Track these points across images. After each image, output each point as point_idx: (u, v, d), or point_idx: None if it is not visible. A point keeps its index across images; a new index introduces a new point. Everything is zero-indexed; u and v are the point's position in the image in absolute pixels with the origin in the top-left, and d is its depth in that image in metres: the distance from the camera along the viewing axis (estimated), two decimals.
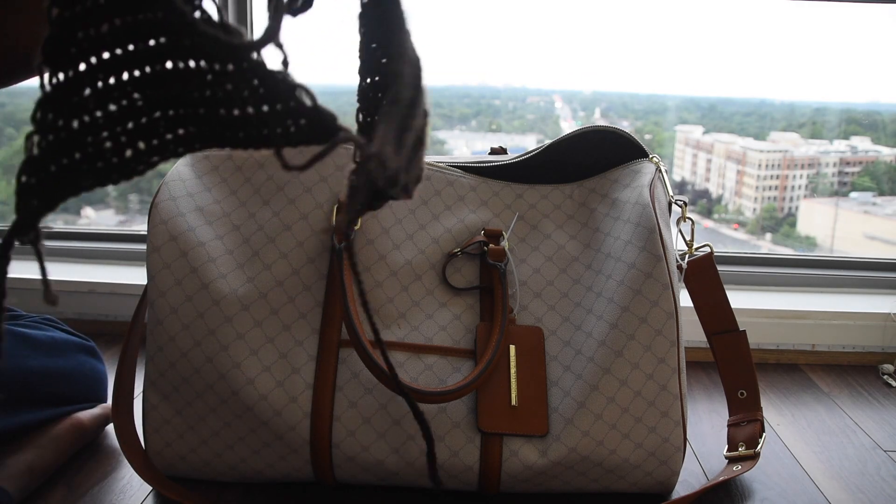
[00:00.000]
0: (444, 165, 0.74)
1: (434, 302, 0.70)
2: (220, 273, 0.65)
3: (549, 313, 0.70)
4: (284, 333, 0.66)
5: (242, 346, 0.64)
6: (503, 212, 0.74)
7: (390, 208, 0.70)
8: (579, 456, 0.64)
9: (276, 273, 0.67)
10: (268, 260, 0.67)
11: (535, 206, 0.74)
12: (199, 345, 0.64)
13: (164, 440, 0.67)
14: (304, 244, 0.68)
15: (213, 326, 0.64)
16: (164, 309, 0.65)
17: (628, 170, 0.73)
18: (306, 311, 0.67)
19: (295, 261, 0.67)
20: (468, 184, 0.74)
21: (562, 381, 0.66)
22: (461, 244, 0.71)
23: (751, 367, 0.77)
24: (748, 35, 1.34)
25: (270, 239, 0.68)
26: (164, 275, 0.65)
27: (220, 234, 0.67)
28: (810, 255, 1.26)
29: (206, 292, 0.64)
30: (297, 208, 0.68)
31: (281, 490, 0.69)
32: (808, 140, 1.49)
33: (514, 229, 0.73)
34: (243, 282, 0.66)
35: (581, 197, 0.74)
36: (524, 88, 1.59)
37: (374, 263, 0.69)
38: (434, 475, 0.40)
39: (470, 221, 0.72)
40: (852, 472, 0.77)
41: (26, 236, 0.29)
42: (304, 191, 0.69)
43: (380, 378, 0.62)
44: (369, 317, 0.34)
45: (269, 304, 0.66)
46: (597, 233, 0.72)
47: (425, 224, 0.71)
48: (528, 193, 0.75)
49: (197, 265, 0.65)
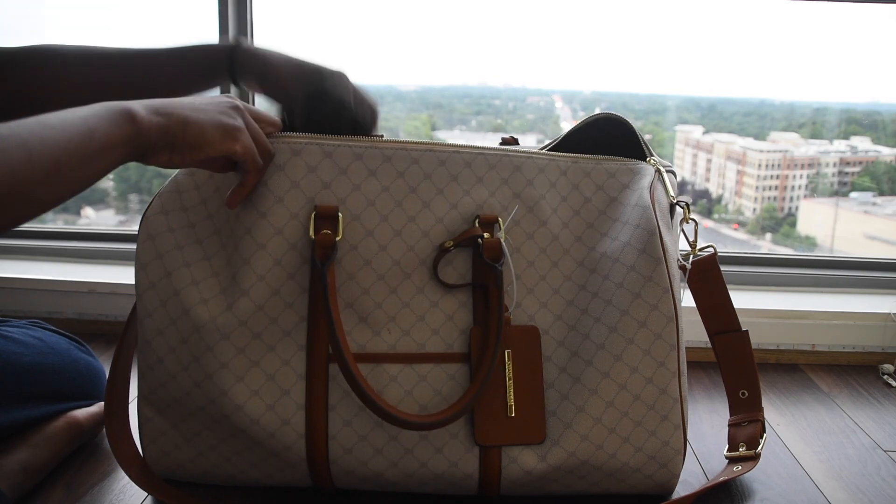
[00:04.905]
0: (434, 143, 0.69)
1: (425, 301, 0.65)
2: (202, 298, 0.62)
3: (542, 311, 0.67)
4: (269, 354, 0.63)
5: (227, 374, 0.62)
6: (500, 188, 0.67)
7: (373, 206, 0.64)
8: (579, 460, 0.64)
9: (255, 297, 0.62)
10: (245, 284, 0.62)
11: (532, 182, 0.68)
12: (187, 369, 0.63)
13: (161, 450, 0.67)
14: (281, 261, 0.63)
15: (197, 354, 0.62)
16: (151, 329, 0.63)
17: (627, 168, 0.71)
18: (290, 329, 0.63)
19: (274, 281, 0.63)
20: (462, 160, 0.67)
21: (557, 382, 0.66)
22: (453, 234, 0.65)
23: (752, 368, 0.77)
24: (748, 35, 1.34)
25: (245, 261, 0.62)
26: (149, 295, 0.63)
27: (208, 253, 0.64)
28: (810, 255, 1.26)
29: (187, 318, 0.62)
30: (270, 223, 0.63)
31: (281, 493, 0.69)
32: (808, 140, 1.49)
33: (512, 215, 0.68)
34: (223, 309, 0.62)
35: (575, 178, 0.70)
36: (524, 88, 1.59)
37: (359, 270, 0.64)
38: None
39: (463, 207, 0.66)
40: (852, 472, 0.77)
41: None
42: (274, 201, 0.63)
43: (376, 412, 0.59)
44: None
45: (249, 329, 0.63)
46: (590, 228, 0.69)
47: (414, 216, 0.65)
48: (527, 166, 0.69)
49: (179, 288, 0.62)
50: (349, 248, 0.64)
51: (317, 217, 0.62)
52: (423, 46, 1.40)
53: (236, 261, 0.63)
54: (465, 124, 1.59)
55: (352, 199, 0.64)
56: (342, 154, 0.64)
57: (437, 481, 0.64)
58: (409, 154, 0.65)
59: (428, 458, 0.63)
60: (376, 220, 0.64)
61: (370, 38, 1.38)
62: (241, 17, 1.20)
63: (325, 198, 0.63)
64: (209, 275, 0.63)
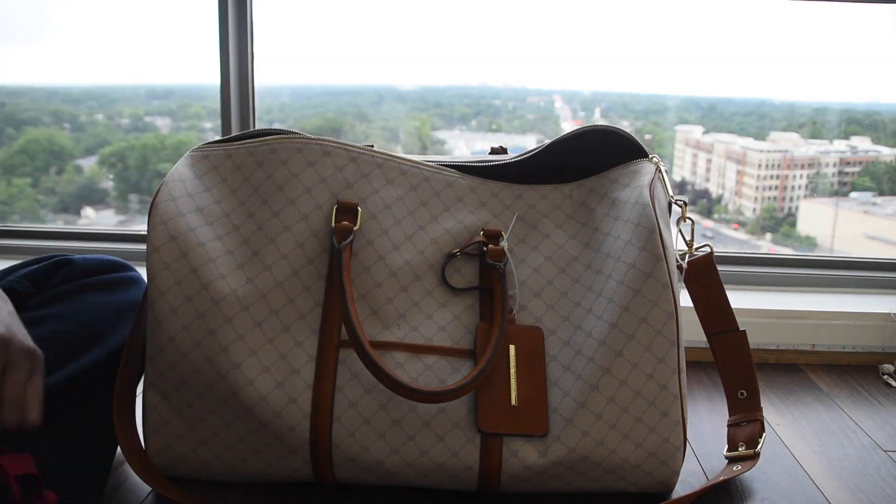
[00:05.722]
0: (441, 166, 0.74)
1: (434, 302, 0.70)
2: (220, 273, 0.65)
3: (549, 313, 0.70)
4: (284, 334, 0.66)
5: (242, 347, 0.64)
6: (502, 213, 0.74)
7: (389, 210, 0.70)
8: (579, 456, 0.64)
9: (277, 273, 0.67)
10: (268, 260, 0.67)
11: (534, 206, 0.74)
12: (199, 345, 0.64)
13: (163, 441, 0.67)
14: (303, 245, 0.68)
15: (213, 327, 0.64)
16: (163, 309, 0.64)
17: (628, 170, 0.73)
18: (306, 312, 0.67)
19: (295, 261, 0.67)
20: (467, 185, 0.74)
21: (562, 380, 0.66)
22: (460, 245, 0.71)
23: (751, 368, 0.77)
24: (748, 35, 1.34)
25: (270, 239, 0.67)
26: (164, 275, 0.65)
27: (219, 234, 0.67)
28: (810, 255, 1.26)
29: (205, 293, 0.64)
30: (297, 209, 0.68)
31: (281, 491, 0.69)
32: (808, 140, 1.49)
33: (513, 229, 0.73)
34: (243, 282, 0.66)
35: (580, 196, 0.74)
36: (524, 88, 1.59)
37: (373, 264, 0.68)
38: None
39: (469, 222, 0.72)
40: (852, 472, 0.77)
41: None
42: (303, 191, 0.69)
43: (378, 378, 0.62)
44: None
45: (268, 304, 0.66)
46: (596, 232, 0.72)
47: (424, 225, 0.71)
48: (528, 194, 0.75)
49: (197, 265, 0.65)
50: (366, 241, 0.68)
51: (339, 210, 0.68)
52: (423, 46, 1.40)
53: (259, 239, 0.67)
54: (464, 124, 1.59)
55: (371, 200, 0.70)
56: (366, 161, 0.71)
57: (437, 473, 0.65)
58: (421, 172, 0.73)
59: (430, 447, 0.64)
60: (391, 221, 0.70)
61: (370, 38, 1.38)
62: (241, 17, 1.20)
63: (347, 195, 0.69)
64: (223, 253, 0.66)
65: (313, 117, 1.55)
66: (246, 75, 1.22)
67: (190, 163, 0.70)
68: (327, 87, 1.56)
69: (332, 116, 1.56)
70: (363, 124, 1.54)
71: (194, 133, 1.56)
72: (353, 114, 1.55)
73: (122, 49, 1.41)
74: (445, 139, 1.58)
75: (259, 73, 1.23)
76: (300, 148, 0.69)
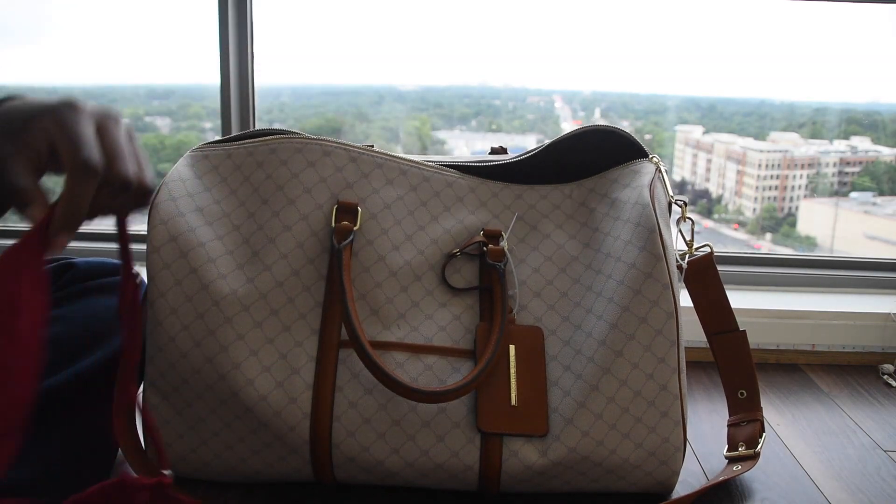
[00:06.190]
0: (441, 166, 0.74)
1: (434, 302, 0.70)
2: (220, 273, 0.65)
3: (549, 313, 0.70)
4: (284, 334, 0.66)
5: (242, 347, 0.64)
6: (502, 213, 0.74)
7: (389, 210, 0.70)
8: (579, 456, 0.64)
9: (277, 273, 0.67)
10: (268, 260, 0.67)
11: (534, 206, 0.74)
12: (199, 345, 0.64)
13: (163, 441, 0.67)
14: (303, 245, 0.68)
15: (213, 327, 0.64)
16: (163, 309, 0.64)
17: (628, 170, 0.73)
18: (306, 312, 0.67)
19: (295, 261, 0.67)
20: (467, 185, 0.74)
21: (562, 380, 0.66)
22: (460, 245, 0.71)
23: (751, 368, 0.77)
24: (748, 35, 1.34)
25: (270, 239, 0.67)
26: (163, 275, 0.65)
27: (219, 234, 0.67)
28: (810, 255, 1.26)
29: (205, 293, 0.64)
30: (297, 209, 0.68)
31: (281, 491, 0.69)
32: (808, 140, 1.49)
33: (513, 229, 0.73)
34: (243, 282, 0.66)
35: (580, 197, 0.74)
36: (524, 88, 1.59)
37: (373, 264, 0.68)
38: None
39: (469, 223, 0.72)
40: (852, 472, 0.77)
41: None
42: (303, 191, 0.69)
43: (378, 378, 0.62)
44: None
45: (268, 304, 0.66)
46: (596, 232, 0.72)
47: (424, 225, 0.71)
48: (528, 194, 0.75)
49: (197, 265, 0.65)
50: (365, 241, 0.68)
51: (339, 210, 0.68)
52: (423, 46, 1.40)
53: (259, 239, 0.67)
54: (464, 124, 1.59)
55: (371, 200, 0.70)
56: (366, 161, 0.71)
57: (437, 472, 0.65)
58: (421, 172, 0.73)
59: (429, 447, 0.64)
60: (391, 221, 0.70)
61: (370, 38, 1.38)
62: (241, 17, 1.20)
63: (347, 195, 0.69)
64: (223, 253, 0.66)
65: (313, 117, 1.55)
66: (246, 75, 1.22)
67: (190, 163, 0.70)
68: (327, 87, 1.57)
69: (332, 116, 1.56)
70: (363, 124, 1.54)
71: (194, 133, 1.56)
72: (353, 114, 1.55)
73: (122, 49, 1.41)
74: (445, 139, 1.58)
75: (259, 73, 1.23)
76: (300, 148, 0.69)
